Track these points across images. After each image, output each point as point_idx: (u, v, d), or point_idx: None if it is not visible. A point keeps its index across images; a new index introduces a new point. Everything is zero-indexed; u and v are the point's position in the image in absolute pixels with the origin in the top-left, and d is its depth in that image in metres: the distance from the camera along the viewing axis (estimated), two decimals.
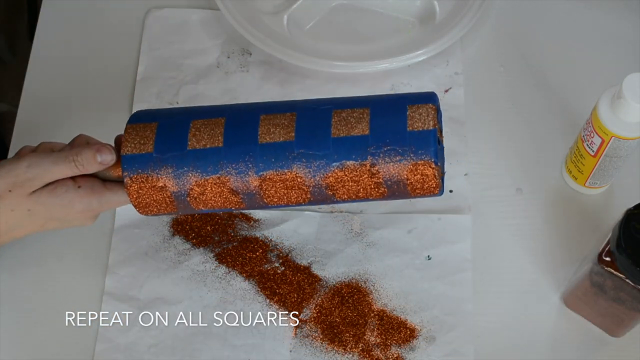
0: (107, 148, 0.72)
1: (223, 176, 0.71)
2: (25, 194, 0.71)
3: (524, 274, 0.86)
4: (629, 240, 0.69)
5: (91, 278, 0.86)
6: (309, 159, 0.71)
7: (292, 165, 0.71)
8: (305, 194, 0.72)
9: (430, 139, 0.69)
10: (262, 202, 0.73)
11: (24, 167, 0.71)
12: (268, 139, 0.71)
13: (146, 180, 0.72)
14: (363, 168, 0.70)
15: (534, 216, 0.89)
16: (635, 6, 1.01)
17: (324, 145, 0.71)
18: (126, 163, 0.72)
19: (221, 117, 0.73)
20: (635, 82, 0.75)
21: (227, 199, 0.73)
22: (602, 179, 0.87)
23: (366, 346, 0.82)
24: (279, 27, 0.99)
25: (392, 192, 0.71)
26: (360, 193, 0.72)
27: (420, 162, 0.69)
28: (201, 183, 0.72)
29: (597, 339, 0.83)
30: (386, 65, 0.95)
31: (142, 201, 0.73)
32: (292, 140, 0.71)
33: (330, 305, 0.84)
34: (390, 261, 0.87)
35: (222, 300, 0.85)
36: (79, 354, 0.83)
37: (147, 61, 0.99)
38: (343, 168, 0.70)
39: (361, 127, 0.71)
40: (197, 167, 0.72)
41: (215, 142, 0.72)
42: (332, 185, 0.71)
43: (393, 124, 0.70)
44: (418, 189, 0.71)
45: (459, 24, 0.97)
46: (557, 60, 0.99)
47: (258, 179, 0.71)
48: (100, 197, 0.74)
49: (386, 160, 0.70)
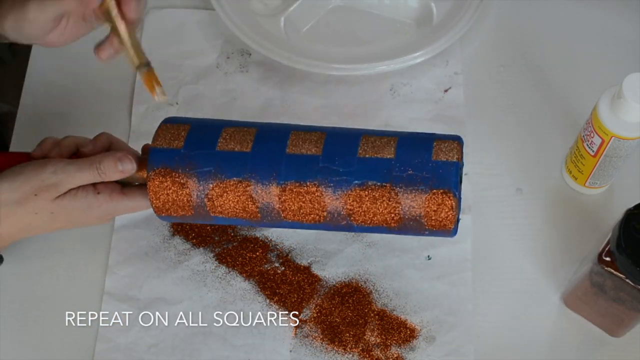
0: (127, 157, 0.74)
1: (245, 180, 0.72)
2: (50, 199, 0.73)
3: (524, 274, 0.86)
4: (629, 240, 0.70)
5: (91, 278, 0.86)
6: (332, 174, 0.72)
7: (315, 179, 0.72)
8: (322, 212, 0.73)
9: (452, 171, 0.71)
10: (277, 215, 0.74)
11: (50, 172, 0.72)
12: (295, 150, 0.73)
13: (169, 175, 0.73)
14: (383, 190, 0.71)
15: (534, 216, 0.89)
16: (635, 6, 1.01)
17: (349, 163, 0.72)
18: (153, 156, 0.73)
19: (253, 128, 0.74)
20: (635, 82, 0.76)
21: (244, 207, 0.73)
22: (602, 179, 0.87)
23: (366, 346, 0.82)
24: (276, 29, 0.99)
25: (407, 219, 0.72)
26: (376, 217, 0.72)
27: (439, 191, 0.70)
28: (222, 185, 0.72)
29: (597, 339, 0.83)
30: (384, 68, 0.95)
31: (160, 197, 0.74)
32: (318, 154, 0.72)
33: (330, 305, 0.84)
34: (390, 261, 0.87)
35: (222, 300, 0.85)
36: (79, 354, 0.83)
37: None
38: (364, 187, 0.71)
39: (387, 151, 0.72)
40: (222, 168, 0.72)
41: (244, 147, 0.73)
42: (350, 205, 0.72)
43: (418, 153, 0.72)
44: (433, 219, 0.72)
45: (457, 25, 0.97)
46: (557, 60, 0.99)
47: (279, 188, 0.72)
48: (117, 204, 0.75)
49: (407, 185, 0.71)
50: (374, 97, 0.97)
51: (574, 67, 0.98)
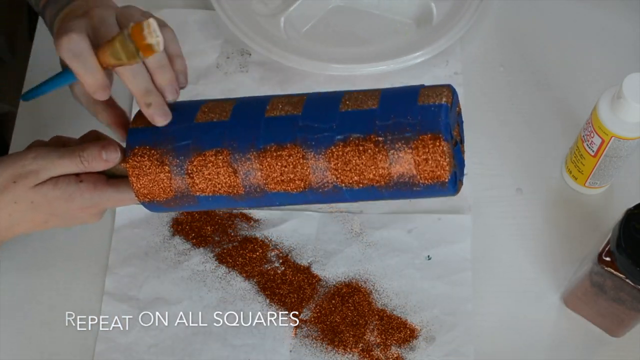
0: (113, 145, 0.71)
1: (224, 149, 0.68)
2: (29, 186, 0.70)
3: (524, 274, 0.86)
4: (629, 240, 0.70)
5: (91, 278, 0.86)
6: (313, 132, 0.66)
7: (295, 139, 0.66)
8: (306, 176, 0.67)
9: (440, 113, 0.63)
10: (261, 187, 0.69)
11: (30, 158, 0.70)
12: (274, 113, 0.68)
13: (147, 153, 0.70)
14: (368, 142, 0.64)
15: (534, 216, 0.89)
16: (635, 6, 1.01)
17: (330, 119, 0.66)
18: (131, 136, 0.71)
19: (233, 99, 0.72)
20: (635, 82, 0.76)
21: (225, 180, 0.69)
22: (602, 179, 0.87)
23: (366, 346, 0.82)
24: (276, 29, 0.99)
25: (397, 174, 0.65)
26: (363, 175, 0.65)
27: (427, 136, 0.63)
28: (201, 157, 0.69)
29: (597, 339, 0.83)
30: (384, 68, 0.95)
31: (140, 179, 0.70)
32: (298, 114, 0.67)
33: (330, 305, 0.84)
34: (390, 261, 0.87)
35: (222, 300, 0.85)
36: (79, 354, 0.83)
37: None
38: (347, 142, 0.65)
39: (370, 103, 0.66)
40: (200, 139, 0.69)
41: (221, 117, 0.70)
42: (334, 164, 0.66)
43: (403, 100, 0.66)
44: (425, 170, 0.64)
45: (457, 25, 0.97)
46: (557, 60, 0.99)
47: (259, 152, 0.67)
48: (101, 193, 0.72)
49: (392, 134, 0.64)
50: None
51: (574, 67, 0.98)
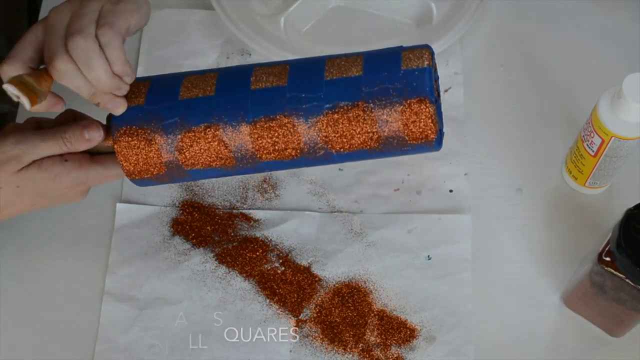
0: (95, 124, 0.71)
1: (213, 125, 0.70)
2: (13, 171, 0.70)
3: (524, 274, 0.86)
4: (629, 240, 0.70)
5: (91, 278, 0.86)
6: (301, 102, 0.69)
7: (284, 110, 0.69)
8: (298, 144, 0.70)
9: (425, 77, 0.67)
10: (253, 157, 0.71)
11: (11, 144, 0.70)
12: (260, 85, 0.70)
13: (135, 133, 0.70)
14: (356, 109, 0.68)
15: (534, 216, 0.89)
16: (635, 6, 1.01)
17: (317, 88, 0.69)
18: (115, 118, 0.71)
19: (215, 72, 0.72)
20: (635, 82, 0.76)
21: (217, 153, 0.71)
22: (602, 179, 0.87)
23: (366, 346, 0.82)
24: (276, 29, 0.99)
25: (387, 137, 0.69)
26: (354, 140, 0.69)
27: (414, 100, 0.67)
28: (190, 134, 0.70)
29: (597, 339, 0.83)
30: None
31: (129, 159, 0.71)
32: (284, 85, 0.70)
33: (330, 305, 0.84)
34: (390, 261, 0.87)
35: (222, 300, 0.85)
36: (79, 354, 0.83)
37: (147, 61, 0.99)
38: (336, 109, 0.68)
39: (354, 69, 0.69)
40: (187, 116, 0.70)
41: (206, 92, 0.70)
42: (325, 131, 0.69)
43: (387, 65, 0.69)
44: (414, 132, 0.68)
45: (457, 25, 0.97)
46: (557, 60, 0.99)
47: (249, 126, 0.69)
48: (87, 170, 0.72)
49: (380, 99, 0.68)
50: None
51: (574, 67, 0.98)
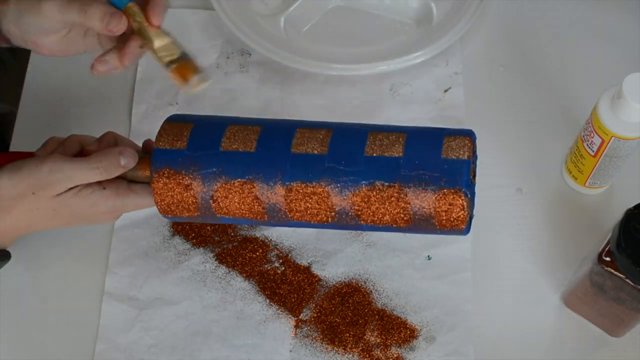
0: (129, 151, 0.73)
1: (250, 181, 0.71)
2: (49, 196, 0.71)
3: (524, 274, 0.86)
4: (629, 240, 0.70)
5: (91, 278, 0.86)
6: (339, 174, 0.70)
7: (321, 179, 0.70)
8: (329, 212, 0.71)
9: (463, 169, 0.68)
10: (284, 216, 0.72)
11: (45, 172, 0.71)
12: (301, 150, 0.71)
13: (173, 177, 0.72)
14: (392, 190, 0.69)
15: (534, 216, 0.89)
16: (635, 6, 1.01)
17: (356, 162, 0.70)
18: (156, 157, 0.72)
19: (258, 126, 0.73)
20: (635, 82, 0.76)
21: (250, 208, 0.72)
22: (602, 179, 0.87)
23: (366, 346, 0.82)
24: (276, 29, 0.99)
25: (417, 220, 0.70)
26: (385, 217, 0.70)
27: (450, 191, 0.68)
28: (227, 186, 0.71)
29: (597, 339, 0.83)
30: (384, 68, 0.95)
31: (165, 199, 0.73)
32: (324, 153, 0.70)
33: (330, 305, 0.84)
34: (390, 261, 0.87)
35: (222, 300, 0.85)
36: (79, 354, 0.83)
37: (147, 61, 0.98)
38: (372, 187, 0.69)
39: (395, 149, 0.70)
40: (226, 168, 0.71)
41: (248, 147, 0.71)
42: (358, 205, 0.70)
43: (427, 151, 0.70)
44: (444, 220, 0.69)
45: (457, 25, 0.97)
46: (557, 60, 0.99)
47: (285, 188, 0.70)
48: (124, 199, 0.74)
49: (416, 185, 0.69)
50: (374, 97, 0.97)
51: (574, 67, 0.98)
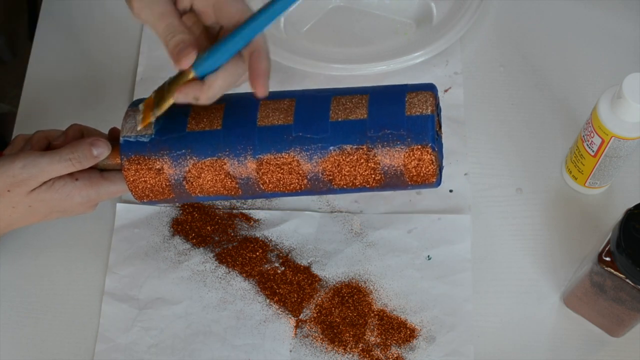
0: (101, 141, 0.73)
1: (220, 159, 0.71)
2: (24, 193, 0.72)
3: (524, 274, 0.86)
4: (629, 240, 0.70)
5: (91, 278, 0.86)
6: (307, 142, 0.71)
7: (290, 149, 0.71)
8: (302, 180, 0.72)
9: (428, 124, 0.69)
10: (258, 188, 0.73)
11: (19, 168, 0.71)
12: (266, 122, 0.71)
13: (144, 163, 0.72)
14: (360, 152, 0.70)
15: (534, 216, 0.89)
16: (635, 6, 1.01)
17: (322, 129, 0.71)
18: (125, 146, 0.73)
19: (221, 103, 0.73)
20: (635, 82, 0.76)
21: (223, 184, 0.73)
22: (602, 179, 0.87)
23: (366, 346, 0.82)
24: (276, 29, 0.99)
25: (389, 178, 0.71)
26: (357, 179, 0.72)
27: (417, 147, 0.69)
28: (198, 166, 0.72)
29: (597, 339, 0.83)
30: (384, 68, 0.95)
31: (138, 185, 0.73)
32: (290, 123, 0.71)
33: (330, 305, 0.84)
34: (390, 261, 0.87)
35: (222, 300, 0.85)
36: (79, 354, 0.83)
37: (147, 62, 0.99)
38: (341, 152, 0.70)
39: (359, 112, 0.71)
40: (195, 149, 0.72)
41: (214, 125, 0.72)
42: (329, 171, 0.71)
43: (391, 109, 0.71)
44: (415, 175, 0.71)
45: (457, 25, 0.97)
46: (557, 60, 0.99)
47: (255, 162, 0.71)
48: (98, 188, 0.74)
49: (383, 145, 0.70)
50: None
51: (574, 67, 0.98)
